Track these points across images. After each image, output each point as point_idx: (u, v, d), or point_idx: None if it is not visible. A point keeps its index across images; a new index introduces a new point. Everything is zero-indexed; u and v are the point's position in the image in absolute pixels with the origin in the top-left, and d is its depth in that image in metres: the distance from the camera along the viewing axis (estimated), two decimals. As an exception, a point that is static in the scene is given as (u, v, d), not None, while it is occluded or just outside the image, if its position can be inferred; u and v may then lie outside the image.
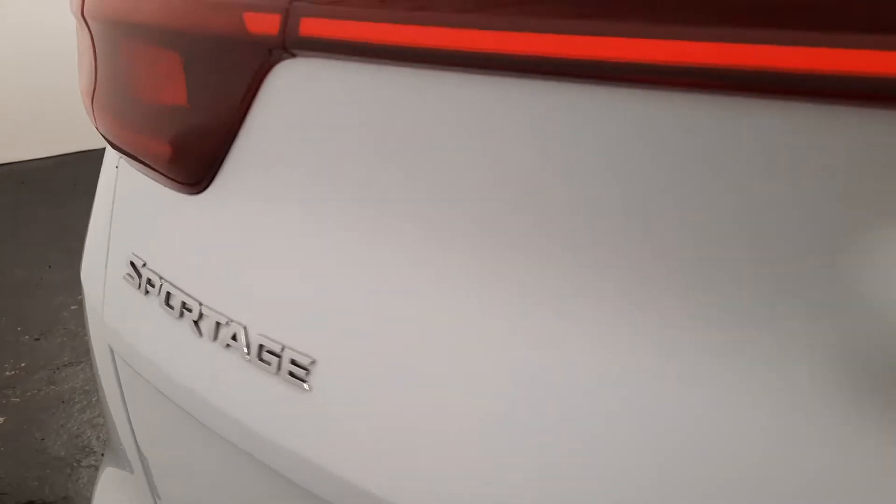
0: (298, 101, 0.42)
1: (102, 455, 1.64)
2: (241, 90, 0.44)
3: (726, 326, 0.33)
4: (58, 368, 2.18)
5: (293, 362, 0.45)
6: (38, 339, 2.34)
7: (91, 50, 0.59)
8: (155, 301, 0.54)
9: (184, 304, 0.52)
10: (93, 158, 1.19)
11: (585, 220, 0.35)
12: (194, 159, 0.48)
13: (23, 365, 2.21)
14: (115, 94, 0.56)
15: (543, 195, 0.36)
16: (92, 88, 0.59)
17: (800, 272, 0.31)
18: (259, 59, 0.42)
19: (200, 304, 0.50)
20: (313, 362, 0.44)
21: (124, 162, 0.60)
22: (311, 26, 0.38)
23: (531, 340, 0.38)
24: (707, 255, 0.33)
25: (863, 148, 0.28)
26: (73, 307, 2.48)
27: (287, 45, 0.39)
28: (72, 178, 3.62)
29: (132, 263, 0.57)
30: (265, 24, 0.40)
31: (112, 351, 0.63)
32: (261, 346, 0.46)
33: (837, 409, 0.30)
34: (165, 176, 0.51)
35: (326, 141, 0.43)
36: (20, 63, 3.81)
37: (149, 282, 0.55)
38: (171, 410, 0.56)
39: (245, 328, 0.48)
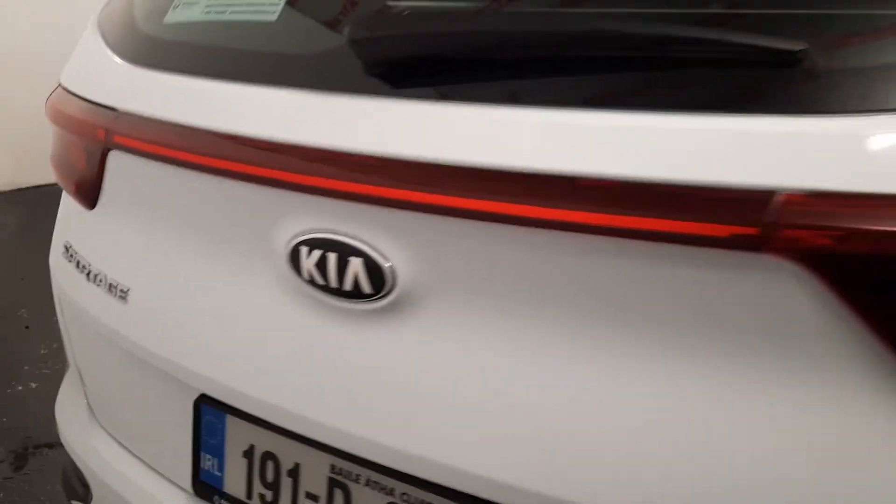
0: (121, 169, 0.93)
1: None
2: (99, 161, 0.94)
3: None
4: (81, 348, 2.73)
5: (121, 290, 0.95)
6: (69, 326, 2.90)
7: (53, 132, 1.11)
8: (73, 265, 1.05)
9: (83, 265, 1.02)
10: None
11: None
12: (85, 192, 0.99)
13: (55, 346, 2.77)
14: (58, 154, 1.07)
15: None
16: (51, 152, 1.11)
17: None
18: (102, 148, 0.92)
19: (90, 265, 1.01)
20: (129, 289, 0.94)
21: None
22: (117, 138, 0.89)
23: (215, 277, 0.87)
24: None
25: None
26: (98, 302, 3.05)
27: (108, 145, 0.90)
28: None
29: (65, 245, 1.08)
30: (102, 133, 0.91)
31: (59, 298, 1.14)
32: (110, 284, 0.97)
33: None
34: (75, 199, 1.03)
35: (134, 187, 0.93)
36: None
37: (71, 255, 1.06)
38: (80, 325, 1.06)
39: (106, 275, 0.98)
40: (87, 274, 1.01)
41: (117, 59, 0.96)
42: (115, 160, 0.93)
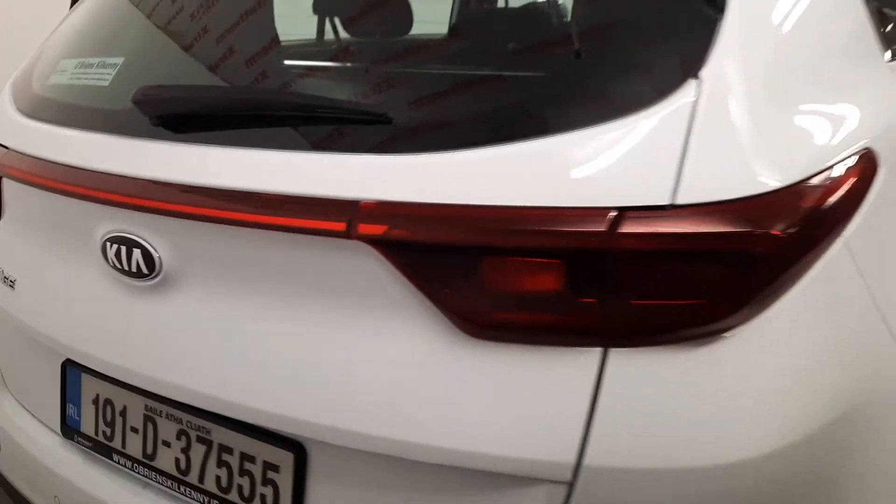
0: (11, 191, 1.26)
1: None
2: (-3, 187, 1.28)
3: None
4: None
5: (11, 280, 1.28)
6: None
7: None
8: (-12, 268, 1.38)
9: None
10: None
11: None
12: (-11, 209, 1.33)
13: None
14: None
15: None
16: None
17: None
18: (-2, 176, 1.26)
19: (1, 270, 1.34)
20: (15, 280, 1.27)
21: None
22: (5, 168, 1.22)
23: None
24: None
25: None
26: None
27: (1, 173, 1.24)
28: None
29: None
30: (-8, 167, 1.25)
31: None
32: (4, 276, 1.29)
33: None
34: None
35: (20, 204, 1.26)
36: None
37: (-14, 259, 1.39)
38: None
39: (3, 270, 1.31)
40: (-6, 273, 1.34)
41: (14, 110, 1.29)
42: (7, 184, 1.26)
